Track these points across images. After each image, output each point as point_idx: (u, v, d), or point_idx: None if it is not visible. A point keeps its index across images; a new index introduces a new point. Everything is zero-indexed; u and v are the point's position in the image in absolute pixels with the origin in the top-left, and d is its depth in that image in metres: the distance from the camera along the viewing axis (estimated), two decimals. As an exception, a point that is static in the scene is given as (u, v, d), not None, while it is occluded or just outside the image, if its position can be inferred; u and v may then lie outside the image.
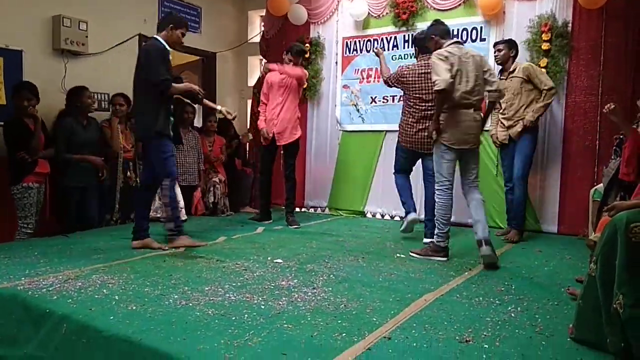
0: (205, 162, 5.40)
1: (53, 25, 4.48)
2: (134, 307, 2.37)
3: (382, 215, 5.52)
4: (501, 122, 4.35)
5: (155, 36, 3.70)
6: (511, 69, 4.26)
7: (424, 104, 3.99)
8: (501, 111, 4.34)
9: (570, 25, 4.50)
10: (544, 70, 4.33)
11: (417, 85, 4.01)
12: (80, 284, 2.71)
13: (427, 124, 3.86)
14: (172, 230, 3.67)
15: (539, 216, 4.71)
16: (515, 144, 4.26)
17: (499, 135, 4.38)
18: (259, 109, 5.02)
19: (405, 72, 4.09)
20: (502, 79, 4.31)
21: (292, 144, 4.85)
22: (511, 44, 4.30)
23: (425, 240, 4.02)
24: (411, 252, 3.65)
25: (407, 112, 4.12)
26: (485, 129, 4.22)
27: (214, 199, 5.38)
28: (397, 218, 5.37)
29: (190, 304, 2.44)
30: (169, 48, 3.66)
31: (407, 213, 4.27)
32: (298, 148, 4.98)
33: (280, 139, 4.80)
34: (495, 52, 4.34)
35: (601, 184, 3.46)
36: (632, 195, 2.61)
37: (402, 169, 4.34)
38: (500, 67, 4.36)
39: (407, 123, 4.10)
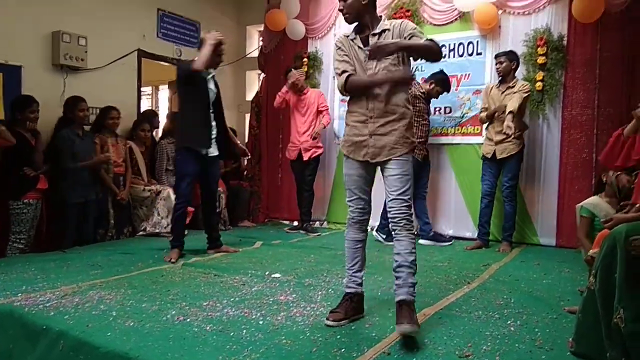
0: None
1: (52, 41, 4.50)
2: (132, 323, 2.35)
3: (381, 229, 5.50)
4: (489, 135, 4.36)
5: None
6: (511, 84, 4.27)
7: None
8: (492, 125, 4.35)
9: (565, 39, 4.54)
10: (526, 98, 4.24)
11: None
12: (77, 299, 2.70)
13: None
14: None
15: (537, 229, 4.71)
16: (503, 161, 4.29)
17: (486, 149, 4.40)
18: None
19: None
20: (501, 91, 4.32)
21: (315, 158, 5.23)
22: (512, 56, 4.32)
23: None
24: None
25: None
26: (478, 141, 4.71)
27: (219, 208, 5.33)
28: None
29: (188, 320, 2.42)
30: None
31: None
32: (318, 163, 5.34)
33: (306, 154, 5.18)
34: (496, 65, 4.35)
35: (587, 200, 3.27)
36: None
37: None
38: (500, 78, 4.36)
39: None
